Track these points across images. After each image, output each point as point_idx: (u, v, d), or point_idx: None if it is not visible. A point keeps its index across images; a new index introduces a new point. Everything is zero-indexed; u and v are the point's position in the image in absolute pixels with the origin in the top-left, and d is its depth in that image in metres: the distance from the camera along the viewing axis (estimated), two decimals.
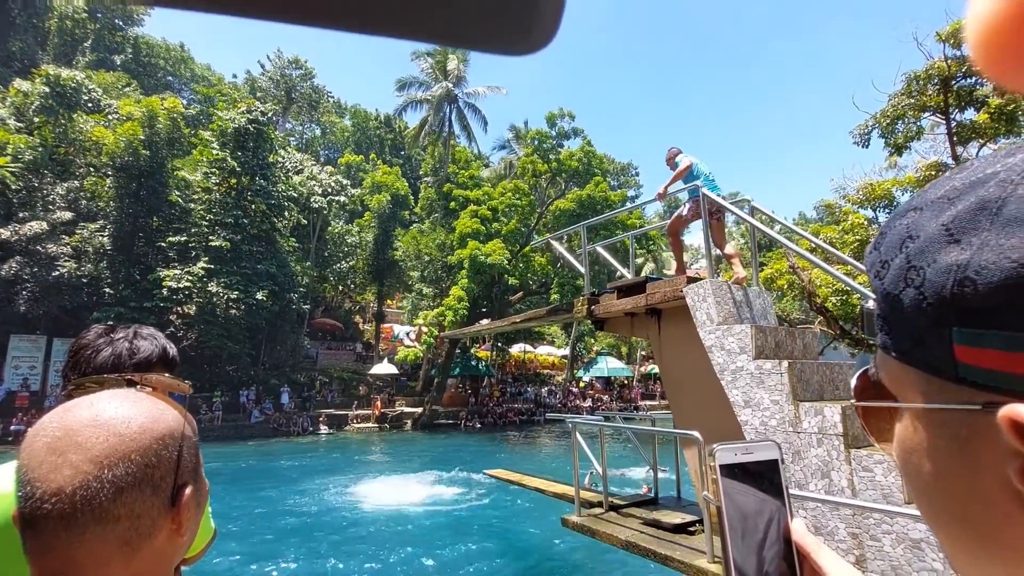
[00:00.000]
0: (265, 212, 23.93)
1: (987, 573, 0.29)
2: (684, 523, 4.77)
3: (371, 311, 33.52)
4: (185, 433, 0.58)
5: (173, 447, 0.56)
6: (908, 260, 0.28)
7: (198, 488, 0.60)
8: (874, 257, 0.32)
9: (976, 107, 10.97)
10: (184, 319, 22.16)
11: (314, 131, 46.40)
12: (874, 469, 3.46)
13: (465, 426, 24.84)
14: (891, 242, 0.30)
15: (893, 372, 0.32)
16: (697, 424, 4.43)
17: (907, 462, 0.31)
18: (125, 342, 1.11)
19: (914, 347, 0.28)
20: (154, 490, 0.53)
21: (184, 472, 0.57)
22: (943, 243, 0.26)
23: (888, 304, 0.29)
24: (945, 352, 0.26)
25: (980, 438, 0.26)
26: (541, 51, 0.27)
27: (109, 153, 21.39)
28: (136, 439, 0.53)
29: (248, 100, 27.31)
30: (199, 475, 0.61)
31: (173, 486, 0.55)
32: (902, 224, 0.30)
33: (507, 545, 8.55)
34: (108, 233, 21.88)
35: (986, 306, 0.24)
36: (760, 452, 0.52)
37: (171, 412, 0.59)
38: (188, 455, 0.58)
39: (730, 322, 4.52)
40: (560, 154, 25.99)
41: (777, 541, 0.49)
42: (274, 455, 17.05)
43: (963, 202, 0.26)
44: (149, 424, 0.55)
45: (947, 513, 0.29)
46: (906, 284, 0.28)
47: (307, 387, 25.58)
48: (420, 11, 0.24)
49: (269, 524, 9.40)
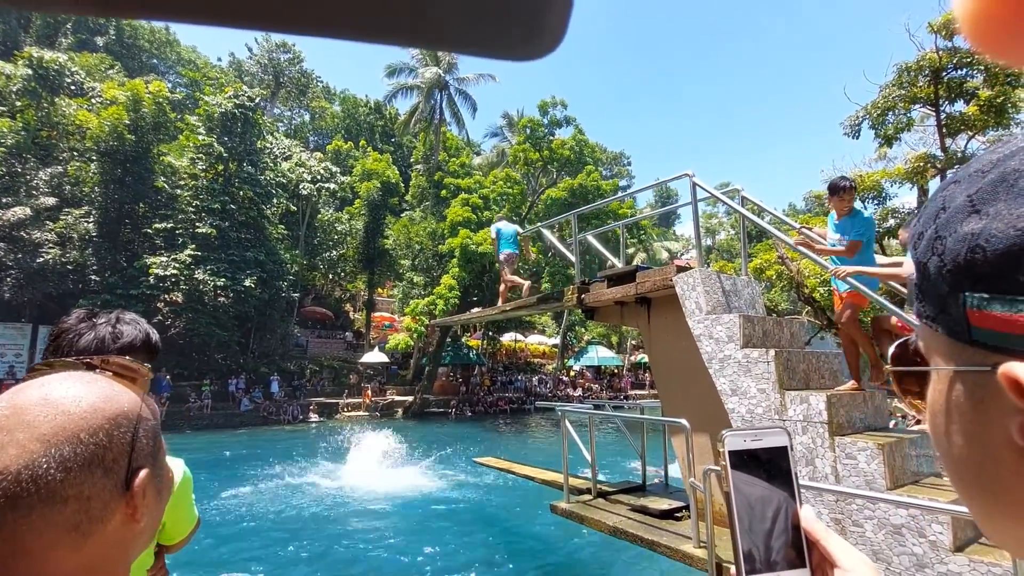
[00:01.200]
0: (253, 199, 23.61)
1: (1004, 531, 0.31)
2: (671, 509, 4.83)
3: (361, 300, 33.38)
4: (142, 415, 0.56)
5: (127, 429, 0.54)
6: (936, 231, 0.29)
7: (157, 473, 0.58)
8: (914, 229, 0.33)
9: (966, 99, 11.04)
10: (172, 307, 21.91)
11: (303, 117, 45.75)
12: (857, 456, 3.51)
13: (456, 415, 24.92)
14: (928, 214, 0.32)
15: (926, 338, 0.34)
16: (685, 412, 4.46)
17: (934, 424, 0.33)
18: (108, 327, 1.10)
19: (940, 313, 0.30)
20: (105, 472, 0.51)
21: (140, 455, 0.55)
22: (965, 213, 0.28)
23: (920, 273, 0.31)
24: (961, 316, 0.28)
25: (991, 398, 0.27)
26: (549, 55, 0.27)
27: (93, 137, 20.95)
28: (86, 418, 0.51)
29: (236, 84, 26.81)
30: (158, 460, 0.59)
31: (127, 469, 0.53)
32: (940, 196, 0.31)
33: (496, 531, 8.63)
34: (93, 219, 21.50)
35: (993, 272, 0.26)
36: (769, 438, 0.52)
37: (127, 395, 0.57)
38: (144, 438, 0.56)
39: (718, 311, 4.54)
40: (552, 143, 25.87)
41: (785, 528, 0.49)
42: (264, 443, 17.02)
43: (989, 175, 0.28)
44: (101, 404, 0.53)
45: (967, 472, 0.31)
46: (932, 253, 0.29)
47: (297, 376, 25.48)
48: (424, 17, 0.23)
49: (257, 511, 9.40)
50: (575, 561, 7.47)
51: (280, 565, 7.09)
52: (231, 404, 21.82)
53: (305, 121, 45.65)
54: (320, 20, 0.23)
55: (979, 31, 0.22)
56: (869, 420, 4.03)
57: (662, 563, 4.62)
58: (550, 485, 6.64)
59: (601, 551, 7.28)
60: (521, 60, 0.27)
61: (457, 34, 0.25)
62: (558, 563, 7.42)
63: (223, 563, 7.09)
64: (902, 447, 3.62)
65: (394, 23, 0.23)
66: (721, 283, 4.75)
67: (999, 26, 0.22)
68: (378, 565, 7.05)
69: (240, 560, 7.22)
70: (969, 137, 11.69)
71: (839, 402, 3.78)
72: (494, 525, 8.95)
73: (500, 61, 0.27)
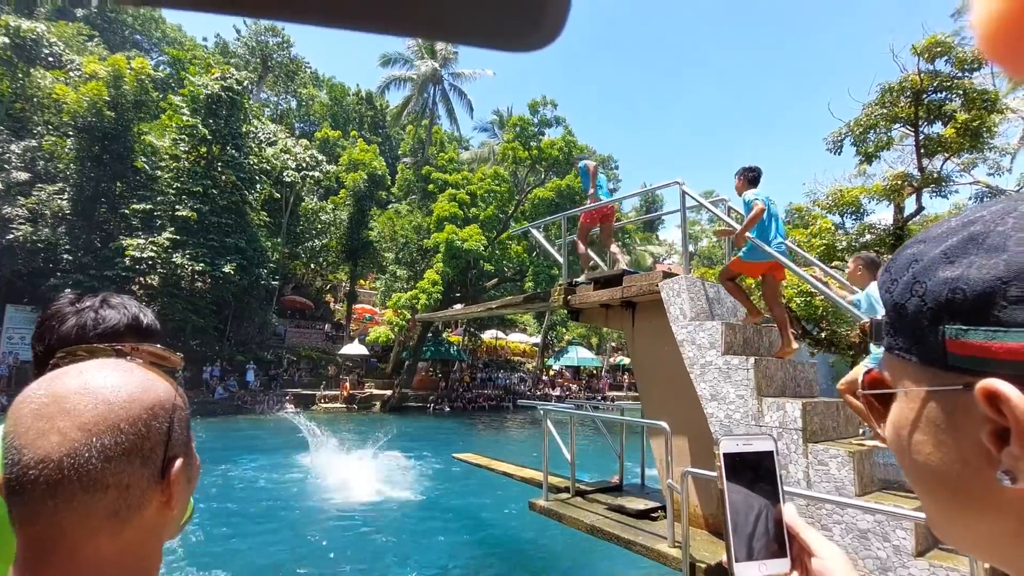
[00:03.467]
0: (236, 183, 23.13)
1: (962, 528, 0.37)
2: (647, 509, 4.93)
3: (343, 291, 33.02)
4: (176, 404, 0.58)
5: (164, 418, 0.55)
6: (914, 277, 0.36)
7: (189, 462, 0.59)
8: (886, 277, 0.40)
9: (944, 121, 11.39)
10: (147, 290, 21.38)
11: (289, 103, 44.98)
12: (829, 463, 3.64)
13: (434, 410, 24.87)
14: (900, 265, 0.39)
15: (895, 367, 0.40)
16: (665, 415, 4.56)
17: (899, 436, 0.39)
18: (91, 312, 1.06)
19: (914, 344, 0.37)
20: (144, 461, 0.52)
21: (175, 444, 0.56)
22: (942, 263, 0.35)
23: (896, 312, 0.38)
24: (939, 345, 0.34)
25: (961, 411, 0.34)
26: (548, 46, 0.27)
27: (70, 112, 20.30)
28: (126, 408, 0.52)
29: (223, 67, 26.24)
30: (190, 449, 0.60)
31: (163, 458, 0.55)
32: (909, 252, 0.39)
33: (474, 527, 8.66)
34: (68, 196, 20.85)
35: (971, 308, 0.32)
36: (758, 443, 0.59)
37: (162, 383, 0.58)
38: (179, 427, 0.57)
39: (702, 318, 4.64)
40: (541, 142, 25.93)
41: (770, 522, 0.56)
42: (237, 433, 16.75)
43: (957, 236, 0.35)
44: (139, 394, 0.54)
45: (932, 476, 0.37)
46: (911, 295, 0.36)
47: (274, 365, 25.11)
48: (425, 7, 0.24)
49: (228, 503, 9.27)
50: (552, 558, 7.55)
51: (249, 559, 7.02)
52: (205, 392, 21.41)
53: (292, 107, 44.90)
54: (319, 8, 0.23)
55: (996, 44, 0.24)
56: (841, 428, 4.17)
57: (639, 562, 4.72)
58: (529, 483, 6.70)
59: (577, 549, 7.37)
60: (520, 51, 0.27)
61: (457, 25, 0.25)
62: (535, 560, 7.49)
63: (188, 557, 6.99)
64: (871, 455, 3.77)
65: (395, 13, 0.23)
66: (705, 290, 4.85)
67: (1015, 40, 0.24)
68: (352, 559, 7.02)
69: (211, 554, 7.13)
70: (945, 159, 12.07)
71: (813, 410, 3.91)
72: (472, 521, 8.98)
73: (499, 52, 0.27)
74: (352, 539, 7.78)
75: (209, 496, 9.48)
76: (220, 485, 10.33)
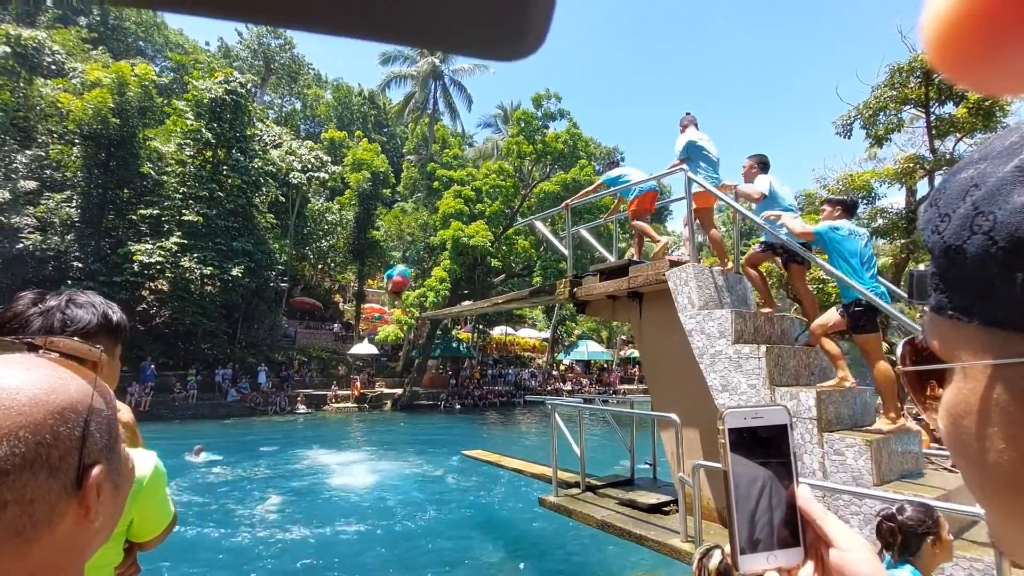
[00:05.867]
0: (241, 187, 23.21)
1: None
2: (659, 503, 4.85)
3: (351, 291, 33.12)
4: (93, 406, 0.51)
5: (75, 423, 0.48)
6: (975, 207, 0.27)
7: (114, 468, 0.53)
8: (931, 213, 0.30)
9: (955, 101, 11.14)
10: (157, 295, 21.56)
11: (293, 104, 45.10)
12: (845, 453, 3.53)
13: (445, 407, 24.90)
14: (952, 194, 0.29)
15: (946, 333, 0.31)
16: (675, 407, 4.46)
17: (958, 426, 0.30)
18: (58, 312, 0.99)
19: (976, 301, 0.27)
20: (51, 472, 0.46)
21: (92, 451, 0.49)
22: (1017, 184, 0.25)
23: (948, 259, 0.28)
24: (1014, 299, 0.25)
25: None
26: (531, 56, 0.27)
27: (76, 120, 20.44)
28: (26, 413, 0.45)
29: (226, 70, 26.31)
30: (115, 453, 0.54)
31: (78, 467, 0.48)
32: (964, 176, 0.29)
33: (485, 523, 8.63)
34: (75, 204, 21.01)
35: None
36: (770, 416, 0.51)
37: (75, 382, 0.51)
38: (97, 432, 0.50)
39: (710, 307, 4.54)
40: (546, 136, 25.76)
41: (781, 506, 0.48)
42: (251, 434, 16.88)
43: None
44: (43, 396, 0.47)
45: (1002, 478, 0.27)
46: (972, 232, 0.27)
47: (285, 366, 25.25)
48: (409, 15, 0.24)
49: (244, 502, 9.32)
50: (563, 553, 7.50)
51: (262, 555, 7.04)
52: (217, 394, 21.58)
53: (296, 109, 45.02)
54: (308, 15, 0.23)
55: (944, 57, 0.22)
56: (857, 417, 4.06)
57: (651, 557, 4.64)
58: (539, 478, 6.64)
59: (589, 544, 7.32)
60: (503, 60, 0.27)
61: (440, 33, 0.25)
62: (546, 555, 7.44)
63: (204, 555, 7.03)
64: (889, 444, 3.65)
65: (380, 20, 0.23)
66: (714, 278, 4.75)
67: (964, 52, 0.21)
68: (363, 554, 7.02)
69: (226, 549, 7.16)
70: (957, 139, 11.81)
71: (828, 399, 3.80)
72: (482, 517, 8.95)
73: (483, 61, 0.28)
74: (363, 536, 7.79)
75: (224, 493, 9.54)
76: (235, 481, 10.39)
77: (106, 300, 1.10)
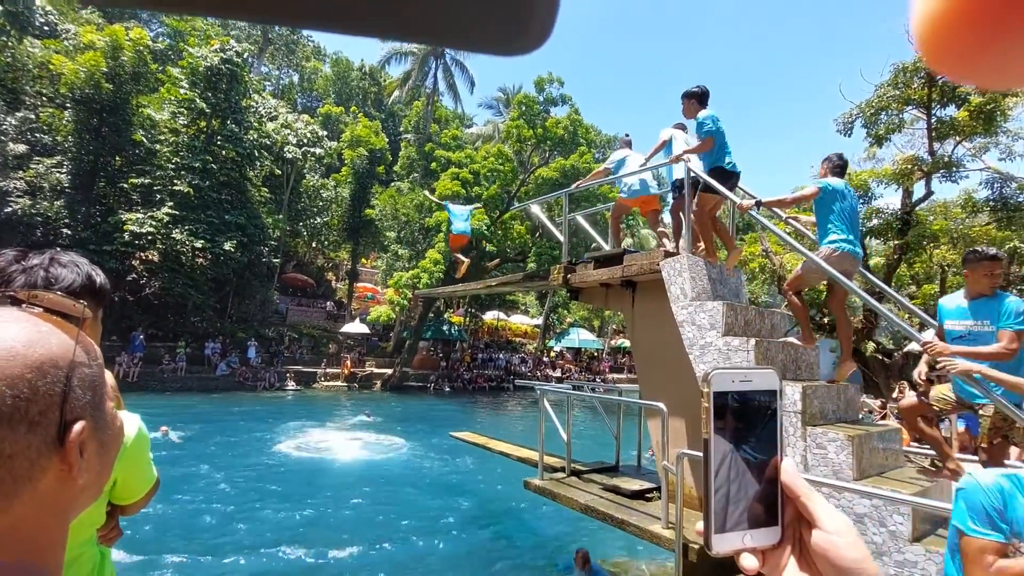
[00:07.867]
0: (235, 159, 22.88)
1: None
2: (642, 490, 4.91)
3: (345, 269, 32.95)
4: (76, 361, 0.49)
5: (55, 377, 0.47)
6: None
7: (100, 426, 0.52)
8: None
9: (957, 104, 11.11)
10: (147, 265, 21.33)
11: (291, 77, 44.30)
12: (827, 447, 3.58)
13: (434, 390, 25.00)
14: None
15: None
16: (663, 396, 4.50)
17: None
18: (41, 270, 0.97)
19: None
20: (30, 427, 0.45)
21: (75, 407, 0.48)
22: None
23: None
24: None
25: None
26: (536, 51, 0.27)
27: (68, 84, 19.97)
28: (3, 367, 0.45)
29: (223, 38, 25.74)
30: (101, 409, 0.52)
31: (59, 422, 0.47)
32: None
33: (469, 504, 8.73)
34: (66, 170, 20.63)
35: None
36: (759, 380, 0.47)
37: (56, 336, 0.50)
38: (80, 387, 0.49)
39: (703, 298, 4.55)
40: (547, 121, 25.50)
41: (762, 482, 0.45)
42: (238, 409, 16.88)
43: None
44: (21, 349, 0.46)
45: None
46: None
47: (275, 342, 25.19)
48: (411, 10, 0.23)
49: (228, 478, 9.35)
50: (546, 535, 7.61)
51: (246, 533, 7.09)
52: (207, 368, 21.52)
53: (293, 82, 44.22)
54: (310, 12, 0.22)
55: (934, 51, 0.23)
56: (840, 412, 4.11)
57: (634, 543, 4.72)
58: (525, 462, 6.70)
59: (579, 529, 7.41)
60: (508, 55, 0.27)
61: (443, 27, 0.25)
62: (529, 538, 7.55)
63: (194, 530, 7.06)
64: (870, 440, 3.71)
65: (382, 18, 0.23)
66: (707, 270, 4.75)
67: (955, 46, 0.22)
68: (350, 532, 7.08)
69: (212, 526, 7.20)
70: (956, 143, 11.80)
71: (814, 393, 3.84)
72: (467, 498, 9.05)
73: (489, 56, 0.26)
74: (346, 516, 7.85)
75: (209, 467, 9.57)
76: (220, 456, 10.41)
77: (90, 262, 1.08)
